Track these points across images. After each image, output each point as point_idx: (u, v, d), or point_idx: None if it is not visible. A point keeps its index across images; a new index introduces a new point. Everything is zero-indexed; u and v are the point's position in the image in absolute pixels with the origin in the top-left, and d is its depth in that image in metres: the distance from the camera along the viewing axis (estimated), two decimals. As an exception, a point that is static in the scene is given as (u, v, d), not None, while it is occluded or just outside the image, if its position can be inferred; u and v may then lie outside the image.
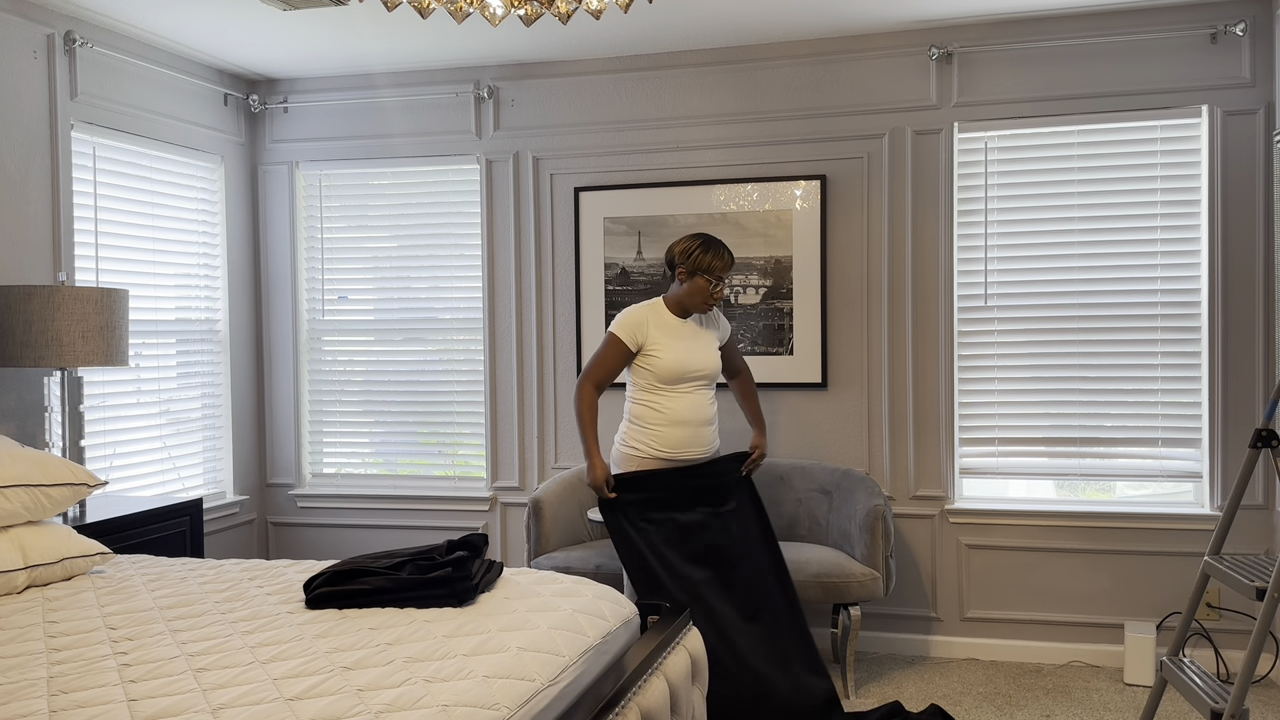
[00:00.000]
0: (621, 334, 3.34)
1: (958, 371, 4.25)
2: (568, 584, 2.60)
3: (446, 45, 4.36)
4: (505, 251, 4.69)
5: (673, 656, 2.41)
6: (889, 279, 4.28)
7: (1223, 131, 3.96)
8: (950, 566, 4.26)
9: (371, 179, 4.85)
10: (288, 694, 1.81)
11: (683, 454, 3.37)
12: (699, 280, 3.34)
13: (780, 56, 4.36)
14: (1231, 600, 3.99)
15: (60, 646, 2.13)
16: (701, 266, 3.33)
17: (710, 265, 3.33)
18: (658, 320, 3.37)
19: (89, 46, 3.94)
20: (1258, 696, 3.73)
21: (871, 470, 4.33)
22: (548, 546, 4.05)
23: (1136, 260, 4.10)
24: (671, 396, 3.35)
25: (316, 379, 4.94)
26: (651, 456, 3.34)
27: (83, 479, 2.91)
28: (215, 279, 4.72)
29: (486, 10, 2.55)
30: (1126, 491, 4.25)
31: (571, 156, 4.60)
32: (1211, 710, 2.64)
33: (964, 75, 4.19)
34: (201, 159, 4.62)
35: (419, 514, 4.81)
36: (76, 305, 3.35)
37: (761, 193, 4.37)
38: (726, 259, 3.35)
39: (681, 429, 3.35)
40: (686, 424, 3.36)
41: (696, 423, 3.38)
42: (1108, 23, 4.04)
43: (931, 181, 4.24)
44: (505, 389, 4.71)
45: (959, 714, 3.62)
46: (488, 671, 1.93)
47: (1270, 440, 2.90)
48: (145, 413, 4.30)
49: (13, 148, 3.66)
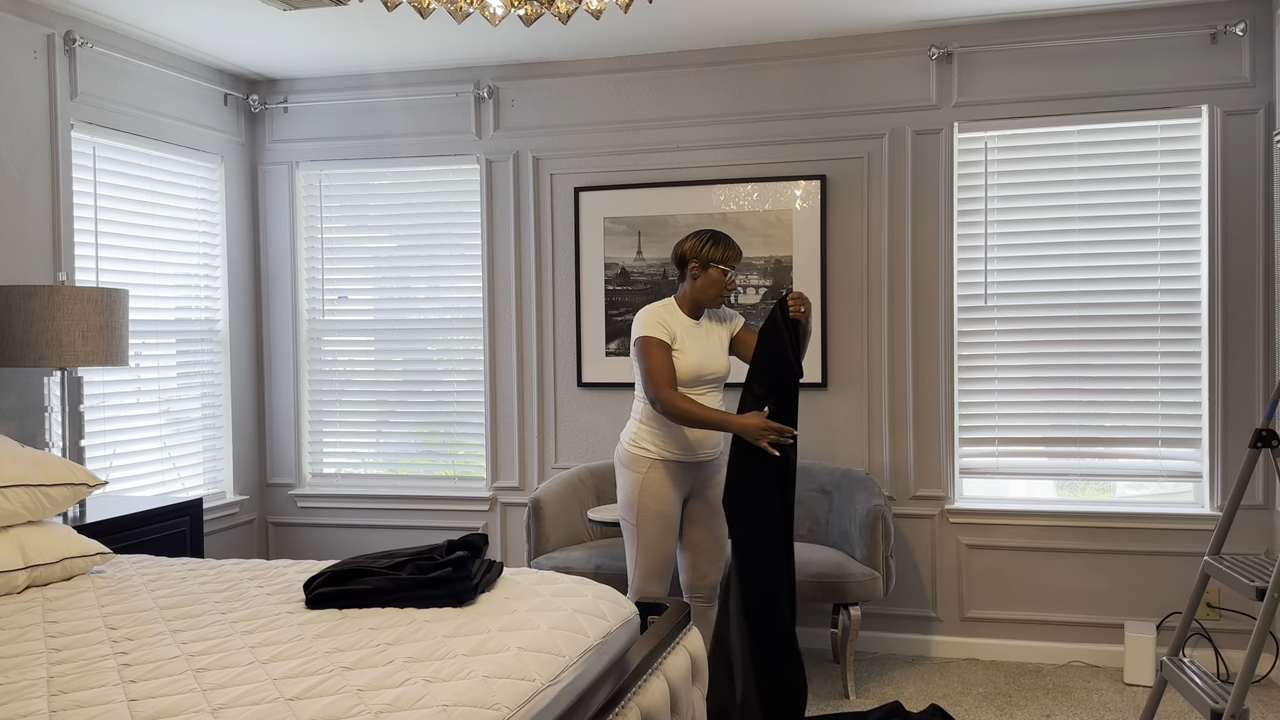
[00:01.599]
0: (653, 332, 3.29)
1: (958, 371, 4.25)
2: (568, 584, 2.60)
3: (446, 45, 4.36)
4: (505, 251, 4.69)
5: (673, 656, 2.41)
6: (889, 279, 4.28)
7: (1223, 131, 3.96)
8: (950, 566, 4.26)
9: (371, 179, 4.85)
10: (288, 694, 1.81)
11: (694, 455, 3.34)
12: (713, 272, 3.32)
13: (780, 56, 4.36)
14: (1231, 600, 3.99)
15: (60, 646, 2.13)
16: (714, 258, 3.33)
17: (724, 256, 3.32)
18: (675, 320, 3.35)
19: (89, 46, 3.94)
20: (1258, 696, 3.73)
21: (871, 470, 4.33)
22: (548, 546, 4.05)
23: (1136, 260, 4.10)
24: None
25: (316, 379, 4.94)
26: (661, 458, 3.31)
27: (83, 479, 2.91)
28: (215, 279, 4.72)
29: (486, 10, 2.55)
30: (1126, 491, 4.25)
31: (571, 156, 4.60)
32: (1211, 710, 2.64)
33: (964, 75, 4.19)
34: (201, 159, 4.62)
35: (419, 514, 4.81)
36: (76, 305, 3.35)
37: (761, 193, 4.37)
38: (737, 250, 3.36)
39: (694, 430, 3.33)
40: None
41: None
42: (1107, 23, 4.04)
43: (931, 181, 4.24)
44: (505, 389, 4.71)
45: (959, 714, 3.62)
46: (488, 671, 1.93)
47: (1270, 440, 2.90)
48: (145, 413, 4.30)
49: (13, 148, 3.66)
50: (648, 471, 3.31)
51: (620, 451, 3.40)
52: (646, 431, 3.33)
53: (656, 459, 3.31)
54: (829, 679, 4.00)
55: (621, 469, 3.38)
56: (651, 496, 3.30)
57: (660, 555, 3.32)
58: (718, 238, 3.35)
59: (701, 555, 3.45)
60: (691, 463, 3.36)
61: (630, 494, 3.33)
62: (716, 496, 3.43)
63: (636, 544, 3.33)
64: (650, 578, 3.34)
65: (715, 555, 3.47)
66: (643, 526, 3.31)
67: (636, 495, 3.31)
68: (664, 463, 3.31)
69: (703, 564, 3.46)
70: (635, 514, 3.32)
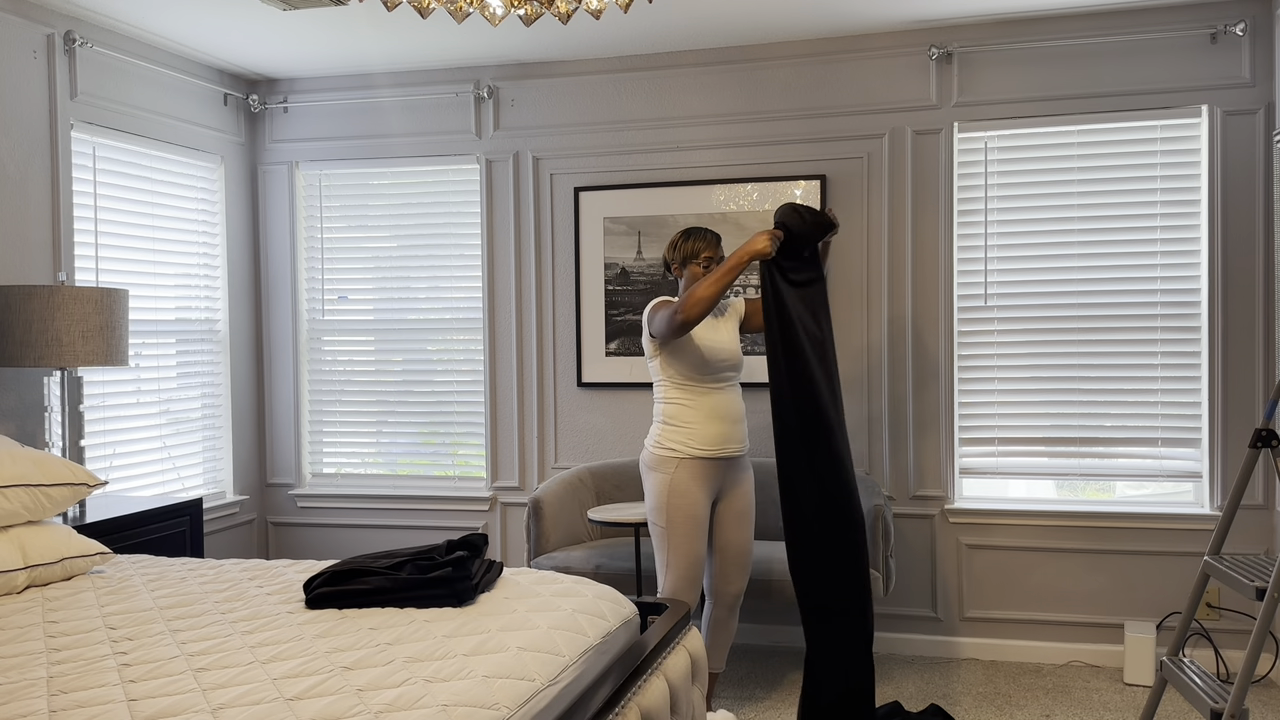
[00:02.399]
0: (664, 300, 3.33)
1: (958, 371, 4.25)
2: (568, 584, 2.60)
3: (446, 45, 4.36)
4: (505, 251, 4.69)
5: (673, 656, 2.41)
6: (889, 279, 4.28)
7: (1223, 131, 3.96)
8: (950, 566, 4.26)
9: (371, 179, 4.85)
10: (288, 694, 1.81)
11: (721, 451, 3.29)
12: (693, 268, 3.35)
13: (780, 56, 4.36)
14: (1231, 600, 3.99)
15: (60, 646, 2.13)
16: (689, 254, 3.35)
17: (695, 250, 3.34)
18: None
19: (89, 46, 3.94)
20: (1258, 696, 3.73)
21: (871, 470, 4.33)
22: (548, 546, 4.05)
23: (1136, 260, 4.10)
24: (703, 393, 3.29)
25: (316, 379, 4.94)
26: (689, 456, 3.26)
27: (83, 479, 2.91)
28: (215, 279, 4.72)
29: (486, 10, 2.55)
30: (1126, 491, 4.25)
31: (571, 156, 4.60)
32: (1211, 710, 2.64)
33: (964, 75, 4.19)
34: (201, 159, 4.62)
35: (419, 514, 4.81)
36: (76, 305, 3.35)
37: (761, 193, 4.37)
38: (709, 238, 3.35)
39: (718, 424, 3.28)
40: (723, 419, 3.29)
41: (731, 419, 3.31)
42: (1107, 23, 4.04)
43: (931, 181, 4.24)
44: (505, 389, 4.71)
45: (959, 714, 3.62)
46: (488, 671, 1.93)
47: (1270, 440, 2.90)
48: (145, 413, 4.30)
49: (13, 148, 3.66)
50: (675, 471, 3.25)
51: (645, 456, 3.34)
52: (671, 430, 3.29)
53: (684, 457, 3.25)
54: (829, 679, 4.00)
55: (648, 473, 3.32)
56: (680, 497, 3.24)
57: (693, 558, 3.25)
58: (688, 233, 3.38)
59: (728, 561, 3.39)
60: (718, 459, 3.29)
61: (658, 496, 3.27)
62: (744, 499, 3.39)
63: (668, 547, 3.26)
64: (683, 582, 3.26)
65: (742, 561, 3.41)
66: (672, 529, 3.24)
67: (665, 497, 3.25)
68: (691, 460, 3.25)
69: (730, 570, 3.40)
70: (664, 516, 3.25)
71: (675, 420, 3.29)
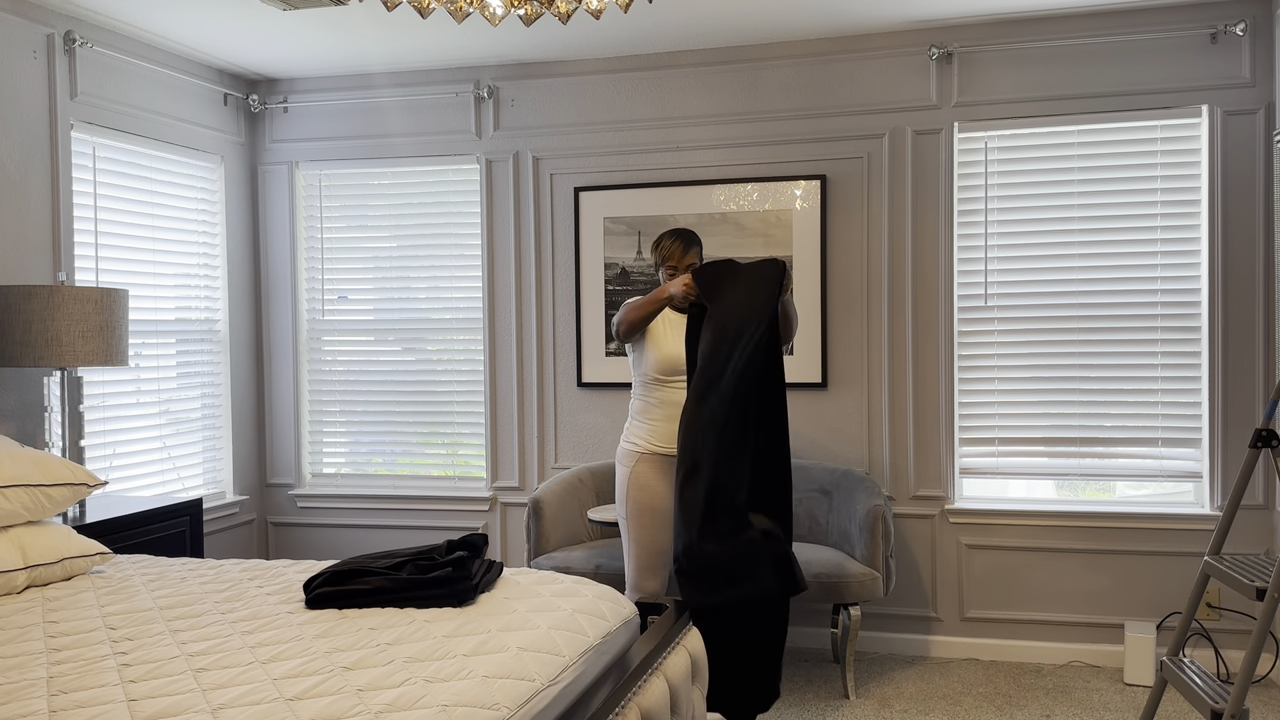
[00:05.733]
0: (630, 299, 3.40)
1: (958, 371, 4.25)
2: (568, 584, 2.60)
3: (446, 45, 4.36)
4: (505, 251, 4.69)
5: (673, 656, 2.41)
6: (889, 279, 4.28)
7: (1223, 131, 3.96)
8: (950, 566, 4.26)
9: (371, 179, 4.84)
10: (287, 694, 1.81)
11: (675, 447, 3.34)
12: (663, 273, 3.44)
13: (780, 56, 4.36)
14: (1231, 600, 3.99)
15: (60, 646, 2.13)
16: (665, 256, 3.41)
17: (669, 252, 3.40)
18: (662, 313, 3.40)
19: (89, 46, 3.94)
20: (1258, 696, 3.73)
21: (871, 470, 4.33)
22: (548, 546, 4.05)
23: (1136, 260, 4.10)
24: (669, 390, 3.35)
25: (316, 379, 4.94)
26: (649, 451, 3.34)
27: (82, 479, 2.91)
28: (215, 279, 4.72)
29: (486, 10, 2.55)
30: (1126, 491, 4.25)
31: (571, 156, 4.60)
32: (1211, 710, 2.64)
33: (964, 75, 4.19)
34: (201, 159, 4.62)
35: (419, 514, 4.81)
36: (76, 305, 3.35)
37: (761, 193, 4.37)
38: (678, 246, 3.38)
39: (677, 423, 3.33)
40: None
41: None
42: (1107, 23, 4.04)
43: (931, 181, 4.24)
44: (505, 389, 4.71)
45: (959, 714, 3.61)
46: (488, 671, 1.93)
47: (1270, 440, 2.90)
48: (145, 413, 4.30)
49: (13, 148, 3.66)
50: (635, 465, 3.36)
51: (618, 450, 3.46)
52: (635, 425, 3.41)
53: (644, 452, 3.36)
54: (829, 679, 4.00)
55: (617, 466, 3.44)
56: (640, 490, 3.34)
57: (652, 548, 3.34)
58: (658, 241, 3.44)
59: None
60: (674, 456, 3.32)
61: (621, 488, 3.40)
62: None
63: (630, 538, 3.37)
64: (644, 571, 3.36)
65: None
66: (633, 519, 3.36)
67: (626, 489, 3.37)
68: (651, 456, 3.36)
69: None
70: (626, 507, 3.37)
71: (640, 416, 3.41)
